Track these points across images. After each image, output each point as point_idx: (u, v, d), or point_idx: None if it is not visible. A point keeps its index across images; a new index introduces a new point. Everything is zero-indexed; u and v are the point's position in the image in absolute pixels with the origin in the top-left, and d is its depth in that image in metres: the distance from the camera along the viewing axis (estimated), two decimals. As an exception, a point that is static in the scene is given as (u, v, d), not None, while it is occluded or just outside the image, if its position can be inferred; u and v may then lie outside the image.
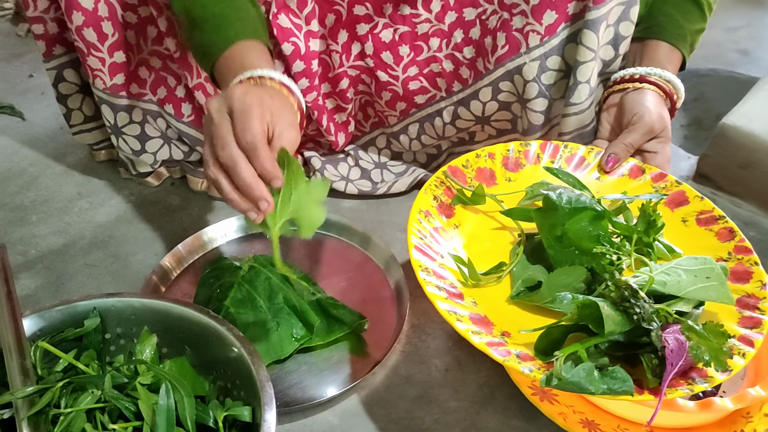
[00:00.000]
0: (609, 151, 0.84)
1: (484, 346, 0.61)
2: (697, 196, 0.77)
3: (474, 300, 0.69)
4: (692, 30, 0.93)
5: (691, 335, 0.59)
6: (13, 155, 1.21)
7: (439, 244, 0.74)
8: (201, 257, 0.95)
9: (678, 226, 0.76)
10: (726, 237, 0.72)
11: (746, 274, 0.68)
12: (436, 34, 0.96)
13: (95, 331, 0.67)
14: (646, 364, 0.58)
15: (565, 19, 0.87)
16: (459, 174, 0.82)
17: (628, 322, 0.59)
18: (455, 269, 0.72)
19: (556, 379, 0.57)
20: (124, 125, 1.04)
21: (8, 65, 1.52)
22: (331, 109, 1.08)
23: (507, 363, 0.59)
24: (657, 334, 0.58)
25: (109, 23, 0.96)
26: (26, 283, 0.93)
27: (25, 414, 0.57)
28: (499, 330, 0.65)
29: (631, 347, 0.60)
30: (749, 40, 1.69)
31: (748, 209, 1.07)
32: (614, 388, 0.57)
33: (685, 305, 0.63)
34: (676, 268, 0.64)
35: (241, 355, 0.63)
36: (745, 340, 0.61)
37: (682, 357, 0.57)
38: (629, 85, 0.88)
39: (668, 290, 0.63)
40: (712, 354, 0.58)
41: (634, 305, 0.59)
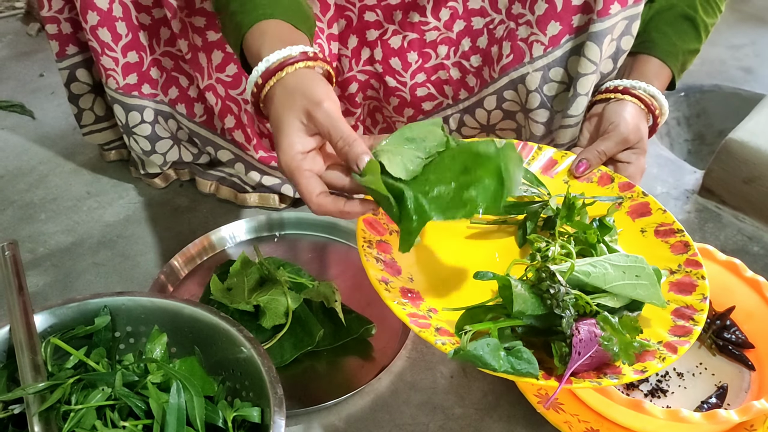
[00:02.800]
0: (581, 156, 0.84)
1: (405, 316, 0.61)
2: (660, 208, 0.78)
3: (411, 277, 0.70)
4: (685, 49, 0.93)
5: (606, 327, 0.59)
6: (22, 153, 1.21)
7: (391, 222, 0.74)
8: (209, 259, 0.95)
9: (636, 236, 0.76)
10: (680, 250, 0.72)
11: (690, 287, 0.68)
12: (444, 42, 0.97)
13: (105, 329, 0.68)
14: (555, 350, 0.59)
15: (569, 31, 0.88)
16: None
17: (542, 306, 0.60)
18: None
19: (461, 351, 0.57)
20: (135, 125, 1.04)
21: (19, 64, 1.53)
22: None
23: (422, 334, 0.59)
24: (568, 321, 0.58)
25: (123, 24, 0.97)
26: (34, 281, 0.93)
27: (36, 409, 0.58)
28: (426, 306, 0.66)
29: (547, 334, 0.61)
30: (753, 58, 1.71)
31: (752, 224, 1.08)
32: (518, 368, 0.57)
33: (612, 301, 0.63)
34: (604, 262, 0.64)
35: (251, 356, 0.63)
36: (670, 346, 0.61)
37: (591, 348, 0.57)
38: (612, 96, 0.88)
39: (592, 281, 0.62)
40: (621, 347, 0.58)
41: (549, 287, 0.59)
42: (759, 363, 0.79)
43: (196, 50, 0.99)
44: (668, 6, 0.93)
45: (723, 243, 1.04)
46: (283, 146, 0.66)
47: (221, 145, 1.08)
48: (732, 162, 1.08)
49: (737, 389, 0.77)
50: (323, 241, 1.00)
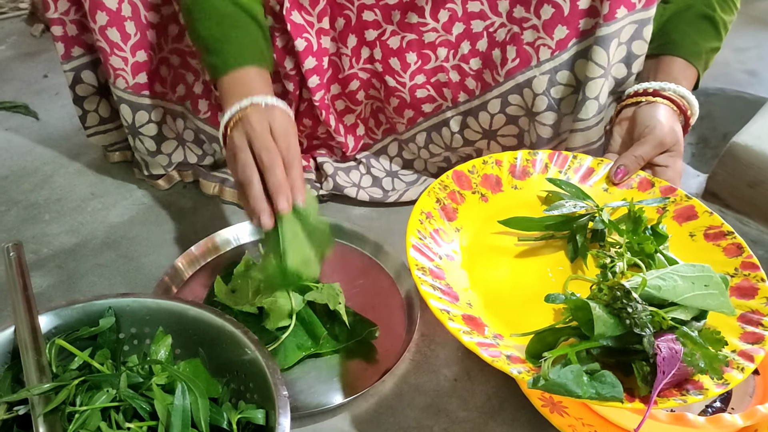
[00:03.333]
0: (618, 162, 0.84)
1: (475, 346, 0.60)
2: (706, 211, 0.78)
3: (470, 302, 0.69)
4: (707, 48, 0.93)
5: (687, 342, 0.58)
6: (26, 154, 1.21)
7: (439, 245, 0.74)
8: (213, 260, 0.95)
9: (686, 241, 0.76)
10: (733, 253, 0.72)
11: (752, 290, 0.67)
12: (444, 44, 0.97)
13: (110, 331, 0.68)
14: (637, 371, 0.57)
15: (576, 35, 0.88)
16: (464, 179, 0.82)
17: (621, 326, 0.58)
18: (452, 270, 0.72)
19: (543, 380, 0.56)
20: (141, 125, 1.05)
21: (23, 65, 1.53)
22: (341, 111, 1.09)
23: (496, 364, 0.59)
24: (649, 340, 0.57)
25: (132, 23, 0.97)
26: (38, 282, 0.93)
27: (41, 411, 0.57)
28: (491, 332, 0.65)
29: (624, 354, 0.59)
30: (757, 61, 1.71)
31: (756, 228, 1.07)
32: (602, 392, 0.56)
33: (683, 313, 0.62)
34: (672, 273, 0.63)
35: (256, 358, 0.63)
36: (745, 355, 0.60)
37: (674, 366, 0.56)
38: (642, 99, 0.88)
39: (663, 295, 0.62)
40: (707, 361, 0.57)
41: (627, 305, 0.58)
42: (764, 367, 0.78)
43: None
44: (685, 6, 0.93)
45: (727, 247, 1.04)
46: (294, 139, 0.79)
47: (225, 143, 1.08)
48: (736, 165, 1.08)
49: (742, 393, 0.76)
50: (327, 243, 1.00)
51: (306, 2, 0.97)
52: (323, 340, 0.81)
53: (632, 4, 0.84)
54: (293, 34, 0.96)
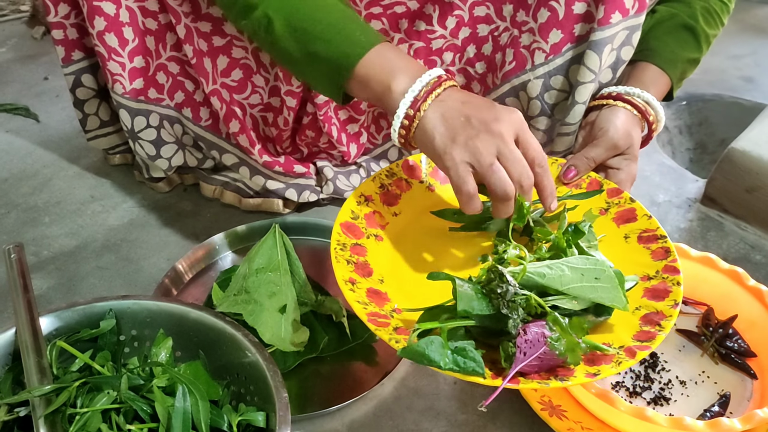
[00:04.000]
0: (569, 162, 0.84)
1: (364, 314, 0.62)
2: (645, 214, 0.78)
3: (382, 278, 0.71)
4: (684, 58, 0.93)
5: (556, 327, 0.59)
6: (26, 156, 1.22)
7: (371, 226, 0.76)
8: (213, 263, 0.96)
9: (619, 242, 0.76)
10: (660, 256, 0.72)
11: (664, 293, 0.68)
12: (450, 49, 0.97)
13: (111, 333, 0.68)
14: (503, 350, 0.59)
15: (570, 40, 0.89)
16: (416, 169, 0.83)
17: (490, 306, 0.60)
18: (376, 250, 0.74)
19: (408, 347, 0.57)
20: (140, 130, 1.05)
21: (23, 67, 1.54)
22: (344, 120, 1.09)
23: (378, 332, 0.61)
24: (514, 321, 0.59)
25: (129, 29, 0.97)
26: (38, 284, 0.93)
27: (42, 412, 0.58)
28: (390, 307, 0.67)
29: (499, 336, 0.60)
30: (753, 68, 1.71)
31: (754, 233, 1.08)
32: (463, 366, 0.57)
33: (570, 303, 0.63)
34: (562, 264, 0.64)
35: (256, 360, 0.64)
36: (630, 351, 0.61)
37: (539, 349, 0.57)
38: (605, 102, 0.89)
39: (547, 282, 0.62)
40: (568, 347, 0.58)
41: (497, 287, 0.59)
42: (761, 371, 0.79)
43: (202, 55, 1.00)
44: (669, 16, 0.94)
45: (725, 252, 1.04)
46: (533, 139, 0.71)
47: (226, 149, 1.08)
48: (734, 171, 1.09)
49: (740, 398, 0.77)
50: (327, 246, 0.99)
51: None
52: (323, 345, 0.81)
53: (626, 9, 0.85)
54: None
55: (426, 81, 0.71)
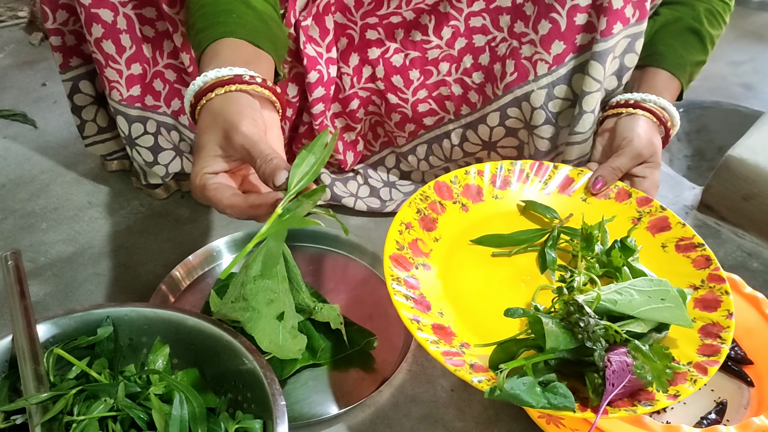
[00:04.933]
0: (597, 173, 0.85)
1: (440, 355, 0.62)
2: (679, 222, 0.78)
3: (441, 311, 0.70)
4: (692, 61, 0.94)
5: (638, 355, 0.59)
6: (24, 162, 1.22)
7: (417, 255, 0.76)
8: (210, 270, 0.96)
9: (657, 252, 0.77)
10: (702, 264, 0.73)
11: (715, 303, 0.68)
12: (446, 59, 0.98)
13: (108, 340, 0.68)
14: (589, 382, 0.59)
15: (572, 50, 0.89)
16: (445, 189, 0.83)
17: (574, 339, 0.60)
18: (427, 280, 0.73)
19: (498, 390, 0.57)
20: (138, 136, 1.05)
21: (21, 73, 1.54)
22: (341, 129, 1.09)
23: (458, 373, 0.60)
24: (600, 354, 0.59)
25: (127, 36, 0.97)
26: (35, 290, 0.93)
27: (38, 420, 0.58)
28: (458, 341, 0.66)
29: (579, 365, 0.61)
30: (752, 75, 1.72)
31: (751, 240, 1.08)
32: (555, 402, 0.57)
33: (640, 326, 0.63)
34: (629, 288, 0.64)
35: (254, 368, 0.63)
36: (700, 367, 0.61)
37: (624, 378, 0.58)
38: (623, 110, 0.89)
39: (619, 309, 0.63)
40: (654, 374, 0.59)
41: (579, 320, 0.60)
42: (758, 379, 0.79)
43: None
44: (674, 19, 0.94)
45: (722, 259, 1.04)
46: (193, 170, 0.66)
47: (223, 157, 1.08)
48: (731, 178, 1.09)
49: (736, 405, 0.77)
50: (324, 253, 1.00)
51: (316, 34, 0.98)
52: (321, 352, 0.81)
53: (627, 18, 0.85)
54: (308, 67, 0.97)
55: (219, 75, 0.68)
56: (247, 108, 0.67)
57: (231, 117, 0.66)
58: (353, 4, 0.98)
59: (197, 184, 0.66)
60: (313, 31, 0.97)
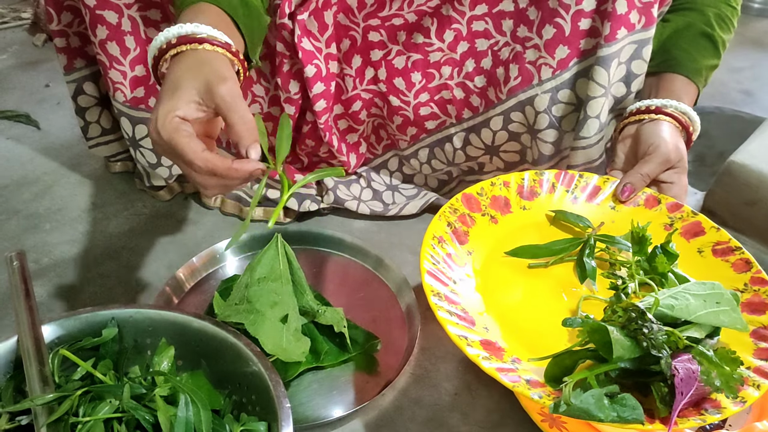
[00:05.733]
0: (625, 180, 0.84)
1: (494, 371, 0.61)
2: (713, 227, 0.78)
3: (486, 326, 0.70)
4: (707, 65, 0.94)
5: (703, 361, 0.58)
6: (27, 163, 1.22)
7: (452, 269, 0.75)
8: (214, 271, 0.96)
9: (694, 257, 0.76)
10: (742, 268, 0.72)
11: (762, 306, 0.68)
12: (448, 63, 0.98)
13: (113, 341, 0.68)
14: (656, 392, 0.58)
15: (576, 55, 0.89)
16: (473, 201, 0.83)
17: (638, 348, 0.59)
18: (466, 294, 0.73)
19: (565, 405, 0.56)
20: (141, 138, 1.05)
21: (25, 74, 1.54)
22: (343, 130, 1.09)
23: (517, 389, 0.59)
24: (667, 362, 0.57)
25: (131, 38, 0.98)
26: (38, 291, 0.93)
27: (44, 421, 0.58)
28: (509, 356, 0.65)
29: (642, 375, 0.60)
30: (753, 81, 1.72)
31: (753, 246, 1.08)
32: (624, 415, 0.56)
33: (697, 331, 0.62)
34: (684, 292, 0.64)
35: (259, 370, 0.64)
36: (760, 371, 0.60)
37: (692, 386, 0.57)
38: (645, 117, 0.88)
39: (677, 314, 0.62)
40: (723, 380, 0.58)
41: (642, 327, 0.59)
42: (761, 385, 0.79)
43: None
44: (685, 25, 0.95)
45: (724, 264, 1.04)
46: (163, 107, 0.63)
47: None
48: (734, 184, 1.09)
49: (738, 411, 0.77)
50: (327, 256, 1.00)
51: (315, 29, 0.98)
52: (329, 349, 0.81)
53: (632, 24, 0.85)
54: (304, 61, 0.97)
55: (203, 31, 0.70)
56: (230, 69, 0.68)
57: (218, 69, 0.66)
58: (356, 5, 0.98)
59: (165, 124, 0.62)
60: (311, 25, 0.97)
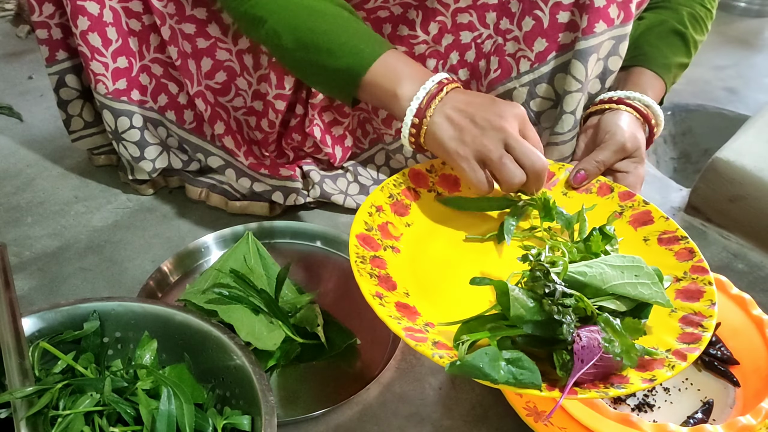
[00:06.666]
0: (579, 167, 0.84)
1: (401, 330, 0.60)
2: (662, 216, 0.78)
3: (407, 292, 0.69)
4: (676, 63, 0.95)
5: (607, 329, 0.57)
6: (10, 156, 1.20)
7: (385, 237, 0.75)
8: (198, 265, 0.95)
9: (638, 245, 0.76)
10: (685, 257, 0.72)
11: (698, 293, 0.67)
12: (433, 55, 0.98)
13: (94, 335, 0.67)
14: (557, 359, 0.57)
15: (555, 48, 0.89)
16: (421, 177, 0.82)
17: (541, 311, 0.57)
18: (394, 262, 0.72)
19: (459, 362, 0.55)
20: (124, 131, 1.04)
21: (7, 66, 1.52)
22: (329, 123, 1.09)
23: (419, 348, 0.58)
24: (568, 327, 0.56)
25: (113, 29, 0.97)
26: (19, 285, 0.92)
27: (23, 414, 0.57)
28: (423, 321, 0.65)
29: (548, 344, 0.58)
30: (736, 79, 1.74)
31: (737, 241, 1.09)
32: (520, 378, 0.54)
33: (615, 304, 0.61)
34: (600, 263, 0.62)
35: (243, 364, 0.63)
36: (679, 354, 0.60)
37: (594, 355, 0.55)
38: (606, 107, 0.89)
39: (589, 281, 0.61)
40: (623, 349, 0.57)
41: (545, 286, 0.57)
42: (744, 379, 0.79)
43: (186, 57, 0.99)
44: (658, 22, 0.95)
45: (708, 260, 1.03)
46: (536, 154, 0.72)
47: (211, 152, 1.08)
48: (718, 180, 1.10)
49: (723, 405, 0.77)
50: (312, 250, 1.00)
51: None
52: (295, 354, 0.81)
53: (611, 19, 0.85)
54: None
55: (429, 87, 0.75)
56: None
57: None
58: None
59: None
60: None
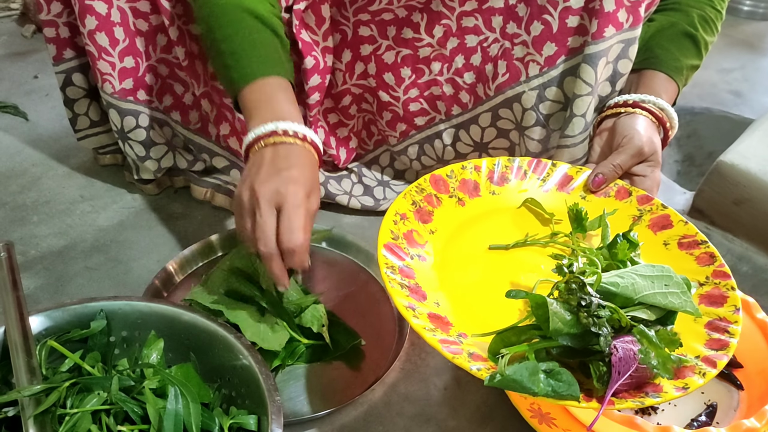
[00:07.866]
0: (596, 170, 0.84)
1: (436, 342, 0.60)
2: (681, 220, 0.78)
3: (438, 302, 0.69)
4: (688, 65, 0.95)
5: (643, 341, 0.58)
6: (15, 155, 1.21)
7: (411, 246, 0.75)
8: (203, 265, 0.95)
9: (659, 249, 0.76)
10: (706, 261, 0.72)
11: (721, 298, 0.68)
12: (438, 59, 0.98)
13: (101, 333, 0.68)
14: (594, 371, 0.57)
15: (564, 52, 0.89)
16: (441, 182, 0.82)
17: (578, 324, 0.58)
18: (422, 271, 0.72)
19: (499, 376, 0.55)
20: (130, 130, 1.04)
21: (13, 65, 1.52)
22: (333, 124, 1.09)
23: (456, 360, 0.58)
24: (606, 339, 0.56)
25: (120, 29, 0.97)
26: (25, 283, 0.91)
27: (31, 413, 0.57)
28: (456, 331, 0.65)
29: (584, 355, 0.59)
30: (742, 82, 1.74)
31: (741, 245, 1.09)
32: (559, 390, 0.55)
33: (645, 313, 0.61)
34: (631, 273, 0.63)
35: (249, 364, 0.63)
36: (709, 360, 0.60)
37: (630, 366, 0.56)
38: (622, 110, 0.89)
39: (622, 291, 0.61)
40: (660, 361, 0.57)
41: (581, 299, 0.58)
42: (747, 382, 0.79)
43: (193, 58, 1.00)
44: (669, 24, 0.95)
45: (712, 263, 1.05)
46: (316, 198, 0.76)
47: (216, 152, 1.08)
48: (722, 183, 1.10)
49: (726, 408, 0.77)
50: (318, 251, 1.00)
51: (312, 22, 0.97)
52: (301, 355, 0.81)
53: (620, 23, 0.85)
54: (303, 52, 0.96)
55: (260, 132, 0.77)
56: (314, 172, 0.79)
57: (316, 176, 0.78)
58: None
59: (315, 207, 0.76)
60: (309, 18, 0.97)
